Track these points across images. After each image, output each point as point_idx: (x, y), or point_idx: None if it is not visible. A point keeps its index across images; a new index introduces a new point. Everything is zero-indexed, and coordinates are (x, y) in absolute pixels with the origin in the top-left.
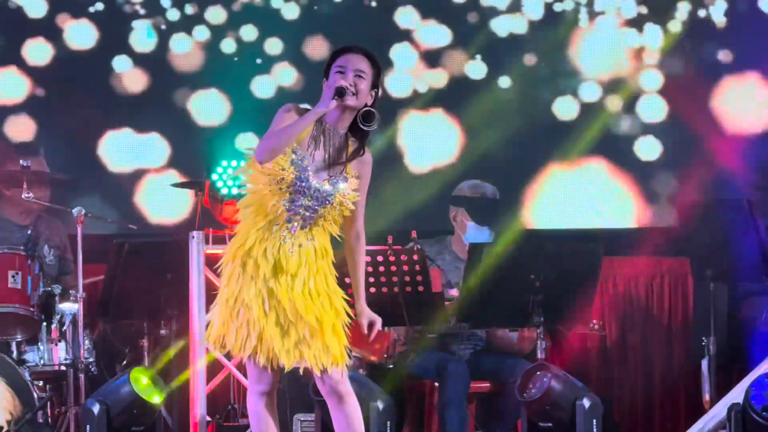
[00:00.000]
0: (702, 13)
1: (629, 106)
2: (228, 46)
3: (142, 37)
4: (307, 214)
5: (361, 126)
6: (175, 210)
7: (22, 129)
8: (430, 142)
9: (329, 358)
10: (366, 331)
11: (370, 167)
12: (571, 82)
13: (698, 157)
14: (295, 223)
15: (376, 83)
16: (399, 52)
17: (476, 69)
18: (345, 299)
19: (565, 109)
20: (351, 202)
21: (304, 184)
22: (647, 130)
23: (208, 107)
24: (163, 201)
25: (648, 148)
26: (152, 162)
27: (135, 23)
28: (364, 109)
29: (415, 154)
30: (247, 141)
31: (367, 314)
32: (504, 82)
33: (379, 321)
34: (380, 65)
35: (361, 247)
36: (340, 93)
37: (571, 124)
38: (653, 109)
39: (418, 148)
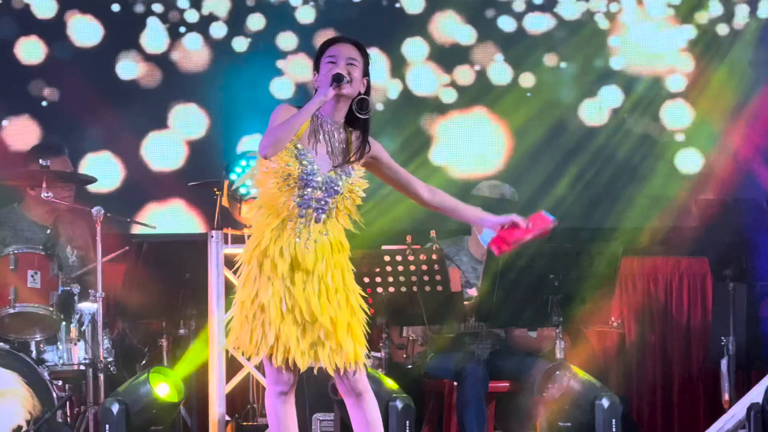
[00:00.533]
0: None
1: (655, 109)
2: (239, 44)
3: (155, 35)
4: (319, 206)
5: (358, 114)
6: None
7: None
8: (452, 141)
9: (343, 358)
10: (521, 222)
11: (379, 145)
12: (598, 83)
13: (719, 157)
14: (309, 218)
15: (367, 71)
16: (420, 48)
17: (498, 67)
18: (362, 296)
19: (590, 112)
20: (360, 189)
21: (311, 177)
22: (673, 132)
23: (225, 107)
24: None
25: (679, 155)
26: (171, 165)
27: (148, 21)
28: (359, 97)
29: (438, 153)
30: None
31: (502, 217)
32: (526, 80)
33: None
34: (368, 54)
35: (439, 193)
36: (338, 79)
37: (598, 129)
38: (678, 111)
39: (440, 147)
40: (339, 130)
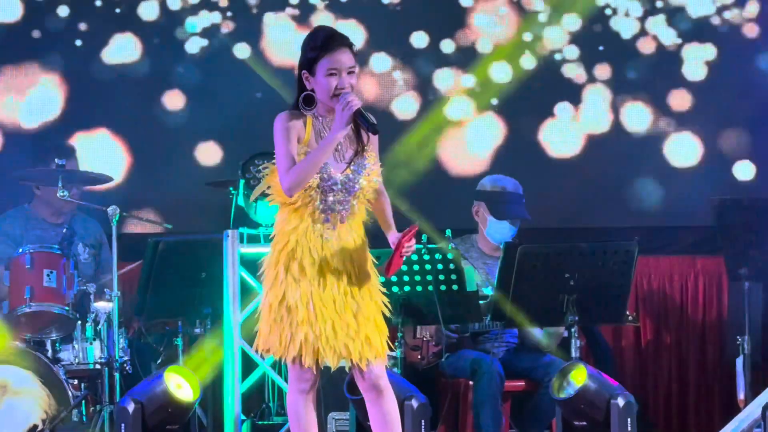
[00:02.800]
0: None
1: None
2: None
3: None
4: (342, 207)
5: (370, 128)
6: None
7: None
8: (468, 141)
9: (372, 351)
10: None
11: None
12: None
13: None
14: (334, 220)
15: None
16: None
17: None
18: (383, 292)
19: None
20: (375, 177)
21: (329, 182)
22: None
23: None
24: None
25: (685, 148)
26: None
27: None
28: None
29: (452, 152)
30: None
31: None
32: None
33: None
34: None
35: (384, 197)
36: (372, 131)
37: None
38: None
39: (455, 146)
40: None
